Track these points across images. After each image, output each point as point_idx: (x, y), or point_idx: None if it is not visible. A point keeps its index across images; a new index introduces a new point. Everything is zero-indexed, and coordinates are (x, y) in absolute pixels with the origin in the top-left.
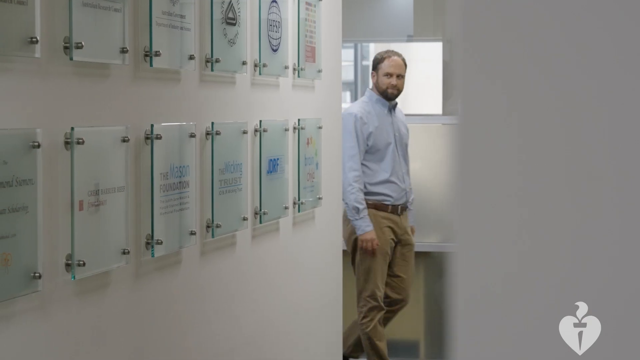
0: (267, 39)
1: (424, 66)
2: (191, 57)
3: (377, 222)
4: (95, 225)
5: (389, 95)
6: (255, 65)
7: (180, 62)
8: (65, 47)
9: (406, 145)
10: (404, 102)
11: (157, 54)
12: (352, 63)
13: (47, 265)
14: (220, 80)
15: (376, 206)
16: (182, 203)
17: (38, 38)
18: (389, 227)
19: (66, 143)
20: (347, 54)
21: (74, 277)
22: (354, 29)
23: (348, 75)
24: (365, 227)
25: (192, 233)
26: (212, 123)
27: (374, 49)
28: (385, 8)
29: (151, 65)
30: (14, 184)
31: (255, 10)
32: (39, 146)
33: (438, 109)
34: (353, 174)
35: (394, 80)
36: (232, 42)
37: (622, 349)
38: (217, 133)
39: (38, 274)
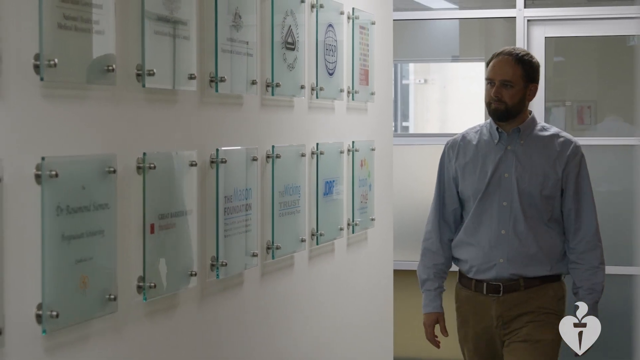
0: (323, 63)
1: (468, 84)
2: (253, 82)
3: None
4: (165, 248)
5: (491, 112)
6: (313, 89)
7: (243, 87)
8: (138, 75)
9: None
10: (445, 121)
11: (222, 79)
12: (392, 82)
13: (121, 288)
14: (279, 104)
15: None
16: (245, 225)
17: (114, 67)
18: (470, 312)
19: (138, 168)
20: None
21: (146, 299)
22: (401, 50)
23: None
24: (424, 306)
25: (254, 255)
26: (273, 146)
27: (413, 69)
28: (431, 29)
29: (217, 90)
30: (91, 208)
31: (312, 34)
32: (114, 171)
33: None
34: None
35: (494, 90)
36: (291, 67)
37: None
38: (277, 156)
39: (113, 296)
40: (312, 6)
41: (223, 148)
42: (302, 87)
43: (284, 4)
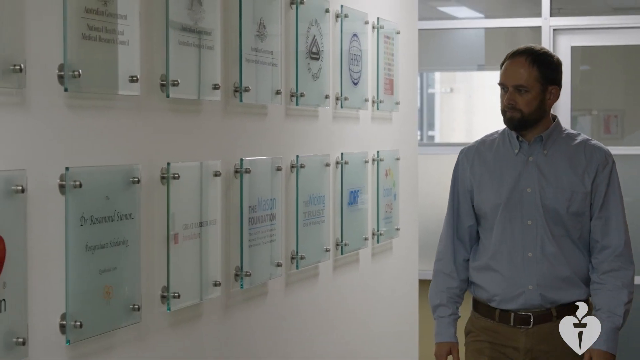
0: (348, 73)
1: (494, 93)
2: (277, 92)
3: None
4: (189, 258)
5: (506, 121)
6: (337, 99)
7: (267, 96)
8: (162, 85)
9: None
10: (471, 130)
11: (247, 89)
12: (418, 91)
13: (145, 298)
14: (304, 114)
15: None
16: (269, 235)
17: (138, 77)
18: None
19: (162, 178)
20: None
21: (169, 309)
22: (427, 59)
23: None
24: (435, 334)
25: (278, 265)
26: (297, 156)
27: (439, 77)
28: (457, 39)
29: (241, 100)
30: (115, 218)
31: (337, 44)
32: (138, 181)
33: None
34: None
35: (507, 96)
36: (315, 77)
37: None
38: (302, 166)
39: (137, 306)
40: (337, 16)
41: (247, 158)
42: (327, 96)
43: (308, 14)
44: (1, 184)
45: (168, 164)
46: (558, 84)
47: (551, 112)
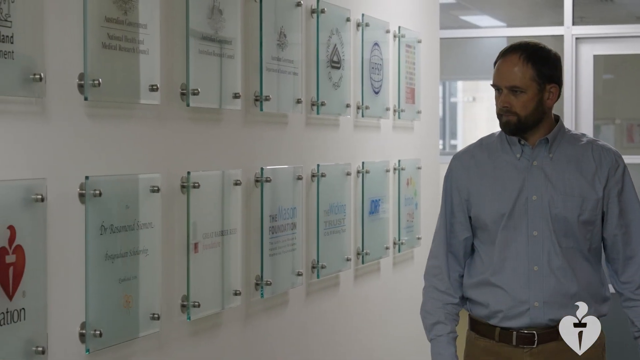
0: (369, 82)
1: None
2: (298, 101)
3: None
4: (210, 267)
5: (501, 125)
6: (358, 108)
7: (288, 105)
8: (182, 94)
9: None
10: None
11: (267, 98)
12: (441, 100)
13: (164, 307)
14: (325, 123)
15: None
16: (290, 244)
17: (158, 85)
18: None
19: (182, 187)
20: None
21: (189, 318)
22: (449, 68)
23: None
24: (434, 355)
25: (299, 274)
26: (318, 165)
27: (462, 86)
28: (479, 47)
29: (261, 109)
30: (135, 227)
31: (358, 53)
32: (158, 190)
33: None
34: None
35: (501, 98)
36: (336, 85)
37: None
38: (323, 175)
39: (157, 315)
40: (358, 25)
41: (268, 167)
42: (348, 105)
43: (329, 23)
44: (21, 192)
45: (188, 173)
46: (557, 81)
47: (553, 112)
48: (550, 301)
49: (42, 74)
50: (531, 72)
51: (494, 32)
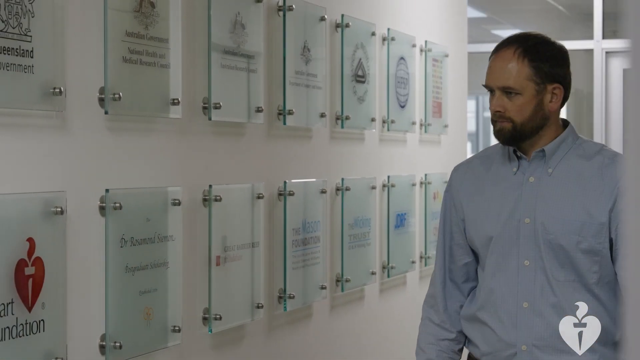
0: (395, 96)
1: None
2: (322, 115)
3: None
4: (231, 280)
5: (495, 133)
6: (384, 122)
7: (312, 119)
8: (204, 108)
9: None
10: None
11: (290, 112)
12: (474, 114)
13: (186, 319)
14: (349, 137)
15: None
16: (313, 258)
17: (179, 99)
18: None
19: (204, 200)
20: (469, 105)
21: (211, 331)
22: (478, 82)
23: (470, 126)
24: None
25: (323, 287)
26: (342, 179)
27: None
28: None
29: (284, 123)
30: (156, 240)
31: (383, 67)
32: (179, 203)
33: None
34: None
35: (493, 102)
36: (361, 100)
37: None
38: (347, 189)
39: (177, 328)
40: (384, 39)
41: (291, 180)
42: (373, 119)
43: (354, 37)
44: (41, 205)
45: (210, 186)
46: (561, 81)
47: (561, 117)
48: (541, 345)
49: (62, 88)
50: (528, 69)
51: None
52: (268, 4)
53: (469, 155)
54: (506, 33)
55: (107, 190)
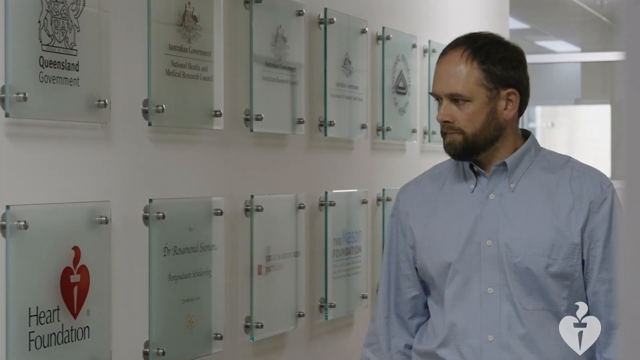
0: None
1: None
2: (363, 126)
3: None
4: (272, 289)
5: (444, 146)
6: (425, 133)
7: (352, 131)
8: (246, 119)
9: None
10: None
11: (332, 123)
12: (519, 124)
13: (228, 327)
14: (390, 148)
15: None
16: (355, 267)
17: (222, 111)
18: None
19: (246, 210)
20: None
21: (253, 339)
22: None
23: None
24: None
25: (364, 297)
26: (383, 190)
27: (540, 112)
28: (553, 73)
29: (325, 134)
30: (198, 249)
31: (424, 79)
32: (221, 213)
33: (606, 172)
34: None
35: (441, 111)
36: (402, 111)
37: None
38: (388, 199)
39: (219, 335)
40: (425, 51)
41: (332, 191)
42: (414, 130)
43: (395, 49)
44: (86, 215)
45: (252, 196)
46: (516, 85)
47: (520, 126)
48: None
49: (106, 100)
50: (477, 73)
51: (566, 57)
52: (309, 17)
53: None
54: (550, 44)
55: (150, 200)
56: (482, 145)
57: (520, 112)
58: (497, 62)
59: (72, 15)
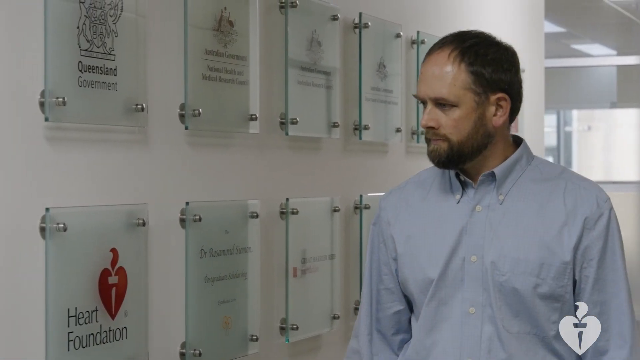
0: None
1: (628, 132)
2: (398, 130)
3: None
4: (308, 291)
5: (428, 154)
6: None
7: (387, 134)
8: (282, 123)
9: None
10: (609, 169)
11: (366, 127)
12: (555, 129)
13: (263, 329)
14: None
15: None
16: None
17: (257, 115)
18: None
19: (281, 213)
20: (550, 120)
21: (288, 340)
22: (558, 96)
23: (551, 141)
24: None
25: None
26: None
27: (576, 115)
28: (589, 76)
29: (360, 138)
30: (234, 251)
31: None
32: (257, 216)
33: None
34: None
35: (425, 116)
36: None
37: None
38: None
39: (255, 337)
40: None
41: (367, 194)
42: None
43: None
44: (124, 217)
45: (287, 199)
46: (507, 89)
47: (511, 133)
48: None
49: (144, 105)
50: (465, 76)
51: (601, 60)
52: (344, 22)
53: None
54: (586, 48)
55: (187, 203)
56: (469, 154)
57: (512, 118)
58: (486, 64)
59: (110, 20)
